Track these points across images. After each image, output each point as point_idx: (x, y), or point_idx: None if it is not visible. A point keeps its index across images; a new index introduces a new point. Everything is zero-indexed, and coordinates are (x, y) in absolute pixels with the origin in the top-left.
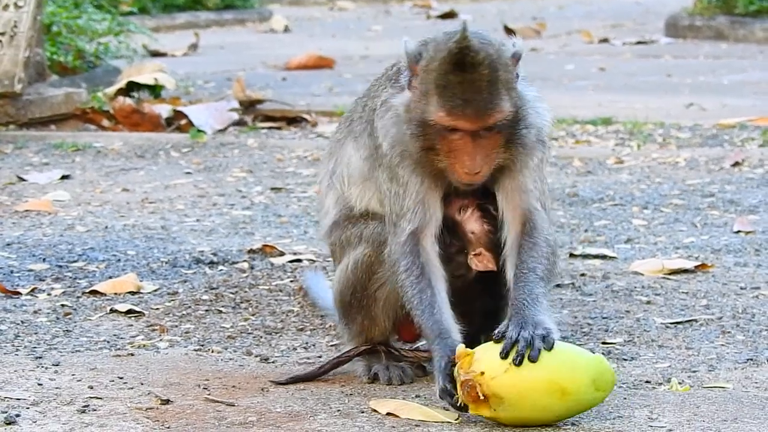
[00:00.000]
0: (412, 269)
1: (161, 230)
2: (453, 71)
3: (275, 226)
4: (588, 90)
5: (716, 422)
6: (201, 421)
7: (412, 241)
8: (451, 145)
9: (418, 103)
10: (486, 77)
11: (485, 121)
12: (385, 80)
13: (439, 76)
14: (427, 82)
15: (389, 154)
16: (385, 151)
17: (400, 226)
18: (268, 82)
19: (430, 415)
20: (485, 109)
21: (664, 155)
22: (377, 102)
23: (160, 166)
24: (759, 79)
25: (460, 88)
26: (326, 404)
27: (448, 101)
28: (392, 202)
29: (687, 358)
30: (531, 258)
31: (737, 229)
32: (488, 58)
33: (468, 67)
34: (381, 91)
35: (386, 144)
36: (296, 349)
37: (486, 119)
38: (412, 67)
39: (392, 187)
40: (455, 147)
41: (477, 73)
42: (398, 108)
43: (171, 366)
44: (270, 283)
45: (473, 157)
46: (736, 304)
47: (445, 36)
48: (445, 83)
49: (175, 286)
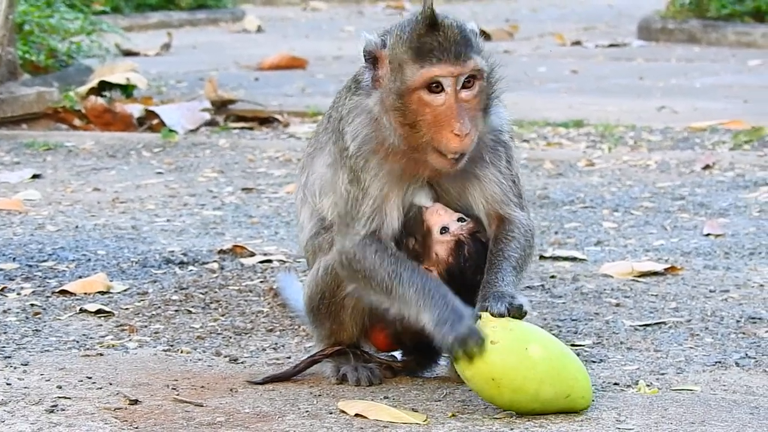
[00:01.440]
0: (382, 254)
1: (132, 230)
2: (425, 33)
3: (246, 227)
4: (560, 92)
5: (684, 425)
6: (169, 421)
7: (372, 236)
8: (435, 112)
9: (392, 81)
10: (458, 31)
11: (464, 66)
12: (346, 91)
13: (412, 40)
14: (399, 55)
15: (354, 156)
16: (351, 153)
17: (353, 229)
18: (240, 83)
19: (399, 417)
20: (462, 53)
21: (635, 158)
22: (343, 111)
23: (132, 165)
24: (731, 82)
25: (435, 42)
26: (294, 405)
27: (425, 57)
28: (349, 204)
29: (655, 360)
30: (507, 248)
31: (707, 232)
32: (456, 21)
33: (440, 25)
34: (345, 101)
35: (354, 145)
36: (265, 350)
37: (464, 63)
38: (377, 55)
39: (351, 189)
40: (439, 112)
41: (448, 28)
42: (370, 108)
43: (140, 366)
44: (240, 283)
45: (460, 117)
46: (705, 307)
47: (407, 17)
48: (419, 45)
49: (145, 286)
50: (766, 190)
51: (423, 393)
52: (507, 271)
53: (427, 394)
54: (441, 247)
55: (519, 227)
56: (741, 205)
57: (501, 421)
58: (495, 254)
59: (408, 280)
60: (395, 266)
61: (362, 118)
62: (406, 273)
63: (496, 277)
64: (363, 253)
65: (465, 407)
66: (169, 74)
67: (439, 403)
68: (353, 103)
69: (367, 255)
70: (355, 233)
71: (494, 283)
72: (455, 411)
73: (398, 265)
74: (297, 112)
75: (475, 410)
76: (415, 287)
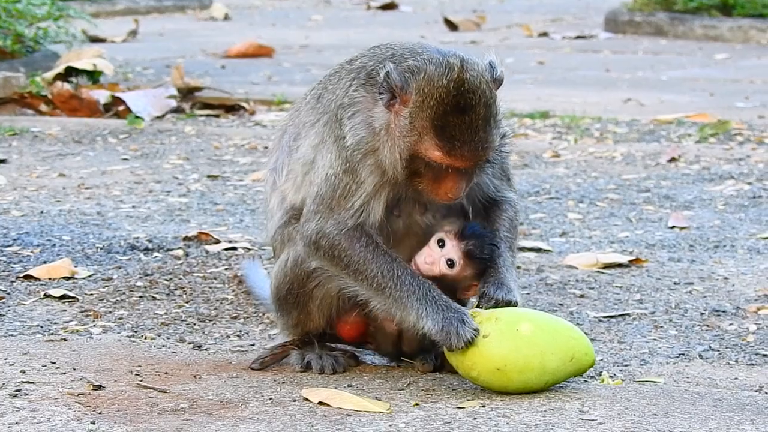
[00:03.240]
0: (370, 246)
1: (97, 216)
2: (451, 113)
3: (211, 214)
4: (527, 84)
5: (647, 416)
6: (133, 407)
7: (359, 228)
8: (438, 174)
9: (407, 134)
10: (482, 117)
11: (480, 159)
12: (350, 77)
13: (437, 116)
14: (421, 119)
15: (352, 149)
16: (349, 145)
17: (340, 216)
18: (207, 70)
19: (362, 405)
20: (481, 149)
21: (601, 150)
22: (344, 99)
23: (97, 151)
24: (697, 75)
25: (458, 130)
26: (258, 392)
27: (446, 143)
28: (339, 192)
29: (619, 352)
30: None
31: (672, 224)
32: (483, 96)
33: (467, 109)
34: (347, 88)
35: (352, 140)
36: (229, 337)
37: (481, 157)
38: (397, 93)
39: (344, 177)
40: (442, 176)
41: (474, 114)
42: (374, 122)
43: (104, 352)
44: (205, 270)
45: (459, 185)
46: (669, 299)
47: (437, 68)
48: (442, 124)
49: (110, 272)
50: (731, 183)
51: (387, 382)
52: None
53: (390, 383)
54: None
55: (511, 205)
56: (706, 198)
57: (465, 410)
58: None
59: (408, 285)
60: (390, 266)
61: (364, 121)
62: (405, 276)
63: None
64: (350, 244)
65: (428, 396)
66: (135, 61)
67: (403, 392)
68: (358, 97)
69: (355, 247)
70: (342, 221)
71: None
72: (419, 400)
73: (394, 266)
74: (263, 100)
75: (438, 399)
76: (416, 293)
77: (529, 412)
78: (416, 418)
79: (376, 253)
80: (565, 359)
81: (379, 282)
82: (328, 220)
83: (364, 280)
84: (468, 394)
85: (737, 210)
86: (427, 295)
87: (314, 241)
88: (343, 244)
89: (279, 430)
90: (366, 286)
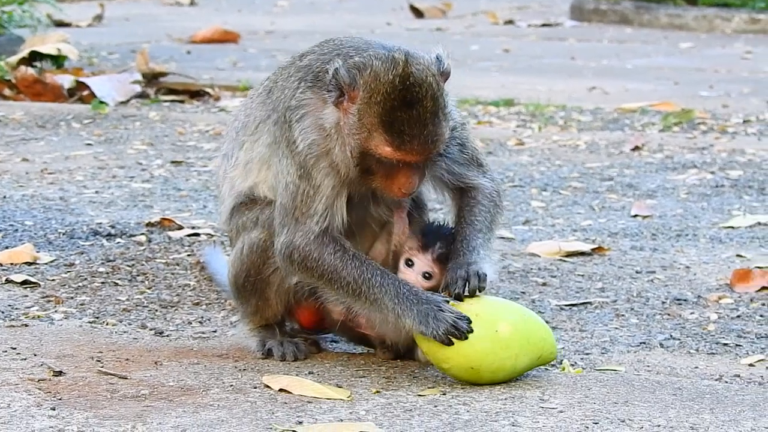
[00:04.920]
0: (338, 252)
1: (60, 201)
2: (399, 108)
3: (174, 200)
4: (492, 71)
5: (607, 404)
6: (93, 393)
7: (326, 234)
8: (389, 171)
9: (357, 132)
10: (430, 110)
11: (430, 153)
12: (298, 76)
13: (384, 112)
14: (369, 115)
15: (304, 154)
16: (301, 150)
17: (306, 225)
18: (172, 55)
19: (323, 392)
20: (431, 142)
21: (565, 138)
22: (291, 101)
23: (61, 136)
24: (662, 64)
25: (406, 125)
26: (219, 379)
27: (396, 138)
28: (299, 199)
29: (580, 340)
30: (471, 213)
31: (635, 213)
32: (430, 89)
33: (414, 103)
34: (294, 90)
35: (303, 144)
36: (191, 323)
37: (431, 151)
38: (345, 90)
39: (301, 184)
40: (394, 172)
41: (422, 107)
42: (324, 123)
43: (65, 338)
44: (167, 256)
45: (411, 180)
46: (631, 288)
47: (383, 64)
48: (391, 120)
49: (72, 258)
50: (694, 173)
51: (348, 369)
52: (472, 237)
53: (351, 370)
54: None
55: (483, 191)
56: (669, 186)
57: (425, 398)
58: (459, 223)
59: (379, 286)
60: (362, 269)
61: (313, 123)
62: (376, 278)
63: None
64: (320, 252)
65: (389, 383)
66: (100, 46)
67: (364, 380)
68: (306, 99)
69: (325, 256)
70: (308, 230)
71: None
72: (380, 387)
73: (365, 269)
74: (228, 86)
75: (399, 386)
76: (388, 293)
77: (490, 400)
78: (377, 406)
79: (345, 258)
80: (533, 358)
81: (353, 288)
82: (296, 232)
83: (340, 288)
84: (429, 381)
85: (700, 199)
86: (399, 293)
87: (287, 255)
88: (313, 253)
89: (239, 417)
90: (343, 294)
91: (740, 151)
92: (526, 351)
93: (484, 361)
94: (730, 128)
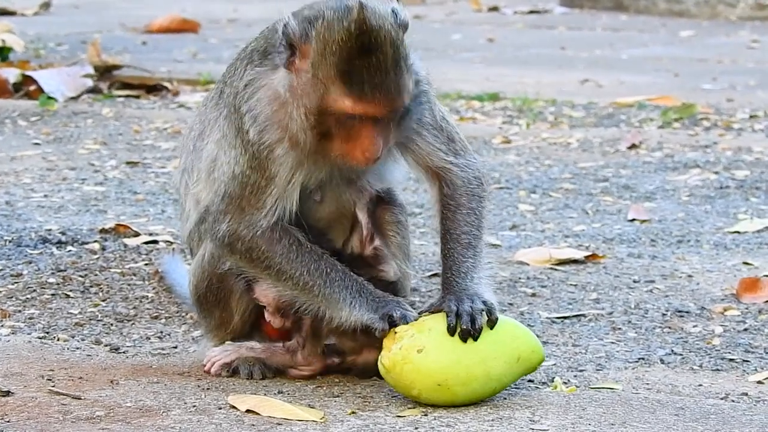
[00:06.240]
0: (293, 245)
1: (5, 206)
2: (357, 55)
3: (130, 204)
4: (475, 62)
5: (603, 426)
6: (44, 415)
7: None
8: (350, 131)
9: (312, 89)
10: (390, 57)
11: (395, 105)
12: (243, 62)
13: (341, 61)
14: (324, 67)
15: (256, 143)
16: (253, 139)
17: (253, 216)
18: (126, 46)
19: (294, 413)
20: (395, 92)
21: (556, 135)
22: (239, 85)
23: (6, 135)
24: (660, 54)
25: (366, 73)
26: (181, 399)
27: (355, 89)
28: (248, 190)
29: (574, 356)
30: (454, 223)
31: (632, 217)
32: (389, 35)
33: (372, 49)
34: (241, 73)
35: (254, 130)
36: (150, 339)
37: (395, 103)
38: (297, 46)
39: (252, 175)
40: (355, 132)
41: (381, 53)
42: (276, 89)
43: (13, 354)
44: (123, 266)
45: (375, 141)
46: (629, 299)
47: (335, 12)
48: (348, 69)
49: (20, 268)
50: (696, 173)
51: (321, 388)
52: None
53: (325, 390)
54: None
55: (460, 185)
56: (669, 188)
57: (405, 420)
58: (444, 237)
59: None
60: (318, 263)
61: (264, 95)
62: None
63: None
64: (269, 245)
65: (366, 404)
66: (48, 36)
67: (338, 399)
68: (253, 74)
69: (276, 249)
70: (255, 222)
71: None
72: (355, 408)
73: (321, 263)
74: (188, 80)
75: (376, 407)
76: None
77: (475, 421)
78: (352, 428)
79: (300, 251)
80: (511, 361)
81: (306, 281)
82: (240, 222)
83: (288, 280)
84: (409, 402)
85: (703, 202)
86: (361, 290)
87: (227, 243)
88: (262, 246)
89: None
90: (291, 286)
91: (746, 149)
92: (497, 353)
93: (449, 373)
94: (736, 124)
